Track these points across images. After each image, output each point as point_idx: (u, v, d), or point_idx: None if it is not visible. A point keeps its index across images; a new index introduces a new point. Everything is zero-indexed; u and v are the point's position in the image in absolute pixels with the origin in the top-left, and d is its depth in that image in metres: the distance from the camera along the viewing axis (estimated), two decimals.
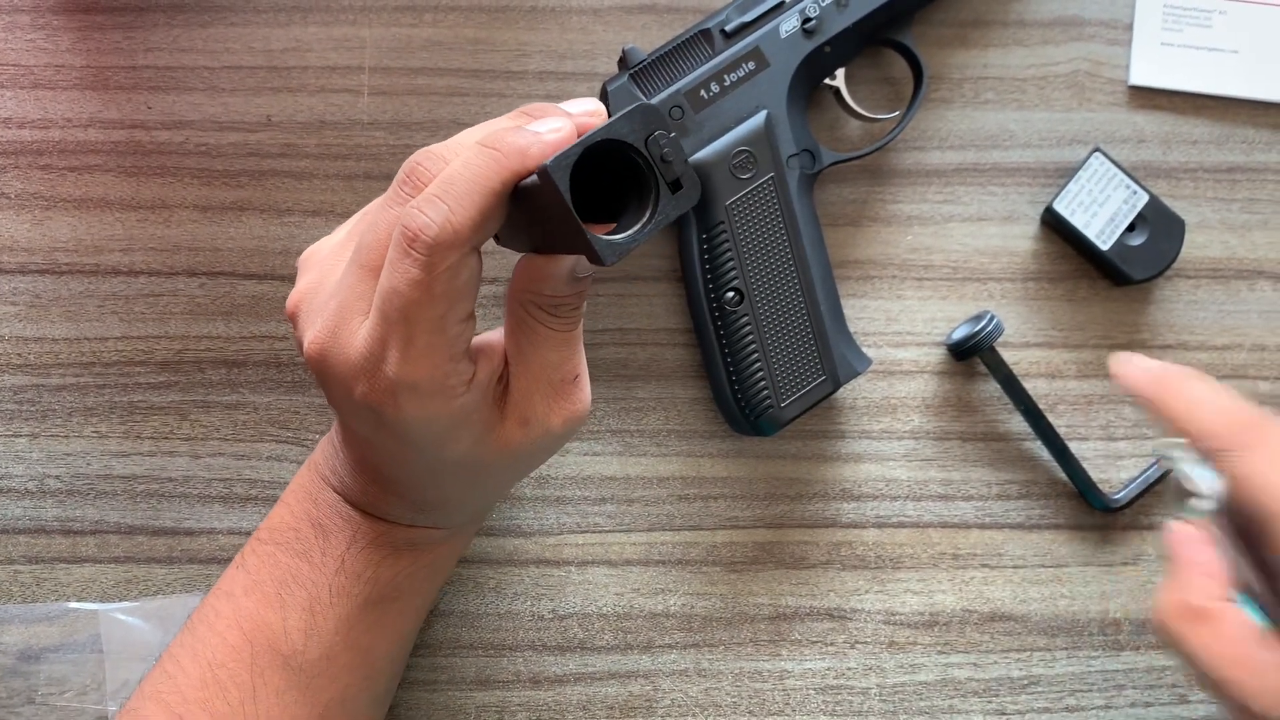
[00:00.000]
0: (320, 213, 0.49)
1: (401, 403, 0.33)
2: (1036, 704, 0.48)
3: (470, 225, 0.31)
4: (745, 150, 0.45)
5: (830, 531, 0.49)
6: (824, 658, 0.48)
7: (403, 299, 0.31)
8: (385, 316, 0.32)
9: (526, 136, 0.31)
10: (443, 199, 0.31)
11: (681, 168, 0.30)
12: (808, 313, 0.45)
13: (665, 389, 0.49)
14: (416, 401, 0.33)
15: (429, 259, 0.31)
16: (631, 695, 0.47)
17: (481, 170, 0.31)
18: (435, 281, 0.31)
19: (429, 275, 0.31)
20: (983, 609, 0.48)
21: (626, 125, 0.30)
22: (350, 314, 0.34)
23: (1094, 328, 0.49)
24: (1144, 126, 0.50)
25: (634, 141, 0.30)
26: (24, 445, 0.48)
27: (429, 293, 0.31)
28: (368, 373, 0.33)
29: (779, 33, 0.46)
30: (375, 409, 0.34)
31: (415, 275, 0.31)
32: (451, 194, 0.31)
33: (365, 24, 0.50)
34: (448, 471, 0.36)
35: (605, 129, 0.30)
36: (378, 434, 0.35)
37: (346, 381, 0.34)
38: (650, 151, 0.30)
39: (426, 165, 0.33)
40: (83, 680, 0.46)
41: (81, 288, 0.49)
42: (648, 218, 0.30)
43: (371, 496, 0.39)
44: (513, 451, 0.36)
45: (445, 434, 0.35)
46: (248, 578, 0.39)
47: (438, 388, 0.33)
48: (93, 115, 0.49)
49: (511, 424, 0.35)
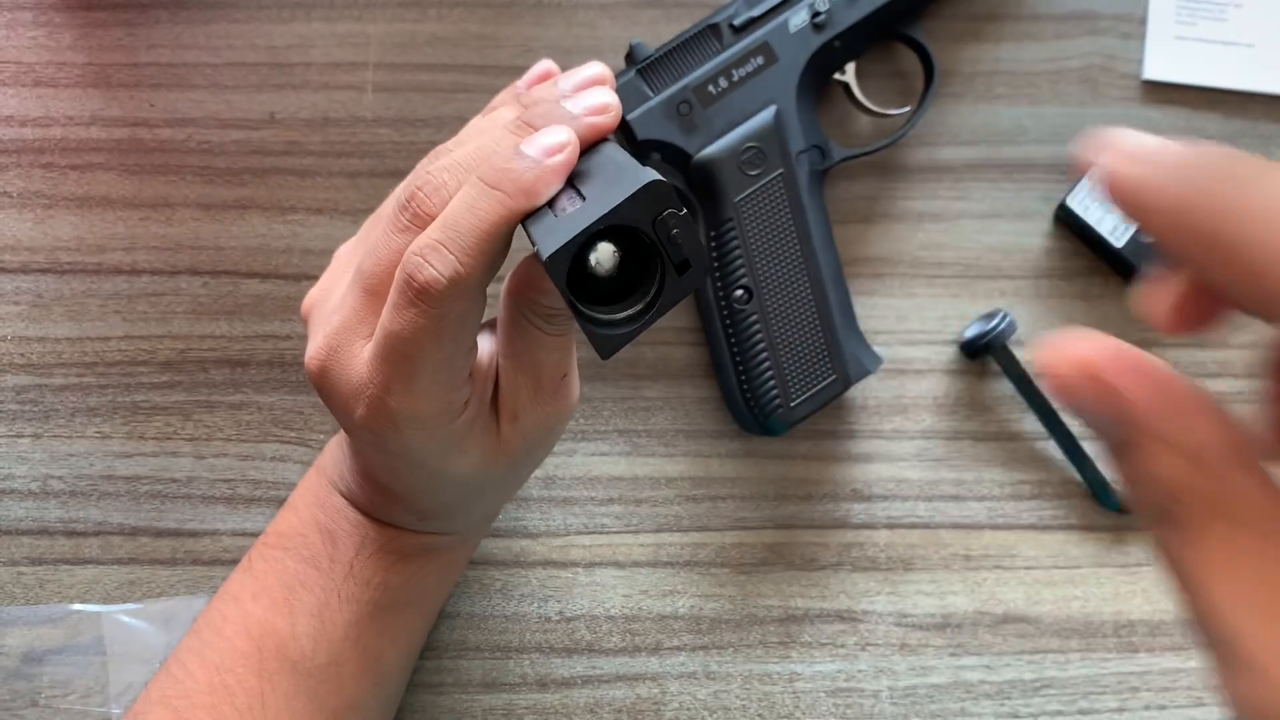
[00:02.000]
0: (324, 211, 0.49)
1: (402, 428, 0.33)
2: (1050, 707, 0.47)
3: (476, 273, 0.30)
4: (754, 146, 0.45)
5: (841, 532, 0.48)
6: (834, 660, 0.47)
7: (408, 344, 0.31)
8: (388, 356, 0.32)
9: (531, 171, 0.30)
10: (449, 248, 0.30)
11: (691, 248, 0.29)
12: (818, 311, 0.45)
13: (673, 388, 0.49)
14: (417, 428, 0.33)
15: (436, 310, 0.30)
16: (639, 698, 0.47)
17: (486, 215, 0.30)
18: (442, 330, 0.31)
19: (436, 325, 0.31)
20: (995, 611, 0.48)
21: (634, 209, 0.28)
22: (351, 336, 0.33)
23: (1108, 326, 0.49)
24: (1158, 121, 0.49)
25: (641, 226, 0.28)
26: (27, 446, 0.48)
27: (436, 339, 0.31)
28: (368, 400, 0.33)
29: (788, 27, 0.45)
30: (375, 432, 0.33)
31: (421, 323, 0.31)
32: (455, 243, 0.30)
33: (369, 20, 0.49)
34: (450, 483, 0.36)
35: (611, 214, 0.28)
36: (377, 452, 0.35)
37: (346, 402, 0.34)
38: (658, 233, 0.28)
39: (427, 193, 0.32)
40: (86, 683, 0.46)
41: (84, 287, 0.48)
42: (650, 301, 0.29)
43: (378, 503, 0.38)
44: (508, 451, 0.36)
45: (447, 452, 0.34)
46: (255, 583, 0.39)
47: (439, 416, 0.33)
48: (95, 113, 0.49)
49: (504, 422, 0.35)
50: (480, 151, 0.32)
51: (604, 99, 0.33)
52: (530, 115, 0.33)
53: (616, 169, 0.31)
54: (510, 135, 0.32)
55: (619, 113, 0.33)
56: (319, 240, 0.49)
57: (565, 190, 0.31)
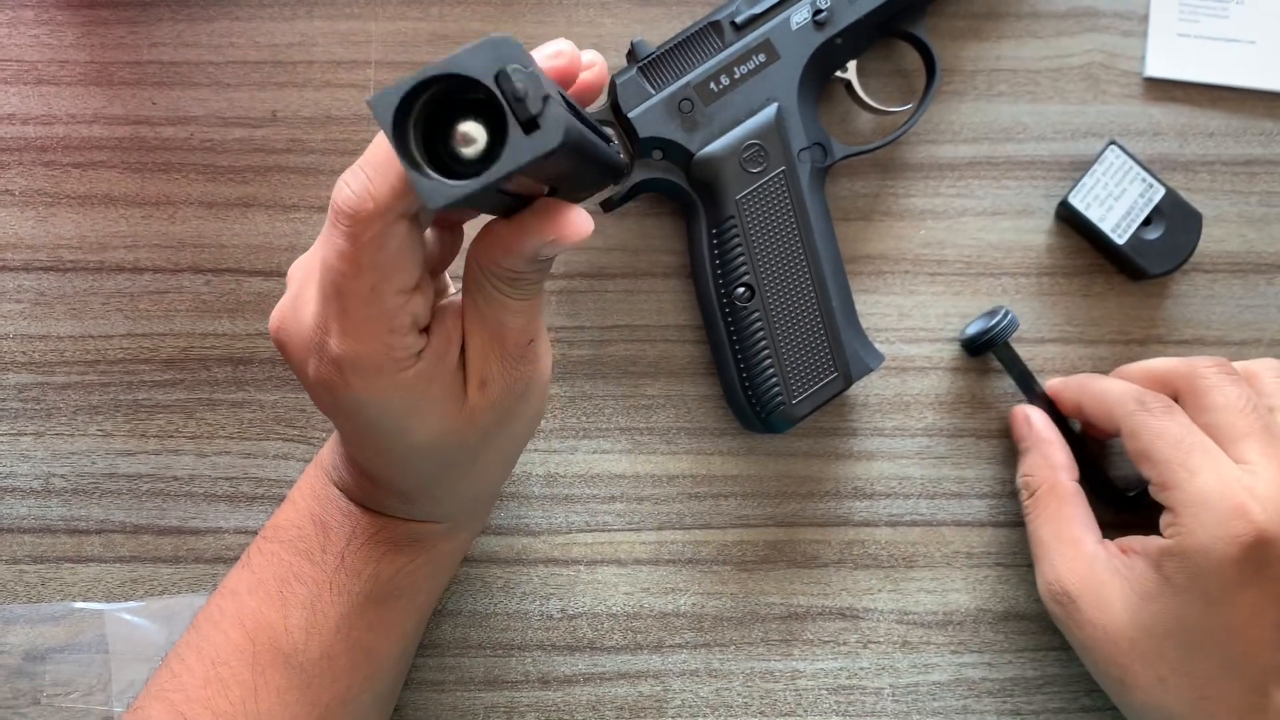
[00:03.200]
0: (326, 209, 0.49)
1: (350, 380, 0.32)
2: (1052, 704, 0.47)
3: (390, 192, 0.30)
4: (756, 144, 0.45)
5: (842, 530, 0.48)
6: (836, 658, 0.47)
7: (334, 271, 0.31)
8: (322, 291, 0.32)
9: None
10: (363, 168, 0.30)
11: (538, 105, 0.26)
12: (819, 308, 0.45)
13: (675, 386, 0.49)
14: (362, 378, 0.32)
15: (351, 229, 0.30)
16: (641, 695, 0.47)
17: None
18: (361, 252, 0.30)
19: (354, 246, 0.30)
20: (997, 608, 0.48)
21: (471, 59, 0.26)
22: (309, 286, 0.33)
23: (1109, 323, 0.49)
24: (1160, 119, 0.49)
25: (479, 76, 0.26)
26: (29, 444, 0.48)
27: (356, 264, 0.31)
28: (316, 348, 0.33)
29: (790, 24, 0.45)
30: (328, 388, 0.33)
31: (342, 246, 0.30)
32: (370, 162, 0.30)
33: (371, 18, 0.49)
34: (419, 455, 0.35)
35: (444, 62, 0.26)
36: (338, 417, 0.35)
37: (301, 358, 0.34)
38: (502, 88, 0.26)
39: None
40: (88, 681, 0.46)
41: (86, 285, 0.48)
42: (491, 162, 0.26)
43: (366, 489, 0.38)
44: (476, 419, 0.35)
45: (406, 413, 0.34)
46: (252, 576, 0.39)
47: (381, 362, 0.32)
48: (97, 111, 0.49)
49: (471, 388, 0.35)
50: None
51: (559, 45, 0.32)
52: None
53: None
54: None
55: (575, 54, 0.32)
56: None
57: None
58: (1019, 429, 0.47)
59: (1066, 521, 0.44)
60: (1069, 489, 0.45)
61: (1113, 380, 0.45)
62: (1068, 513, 0.44)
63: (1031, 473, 0.46)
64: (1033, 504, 0.45)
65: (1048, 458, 0.45)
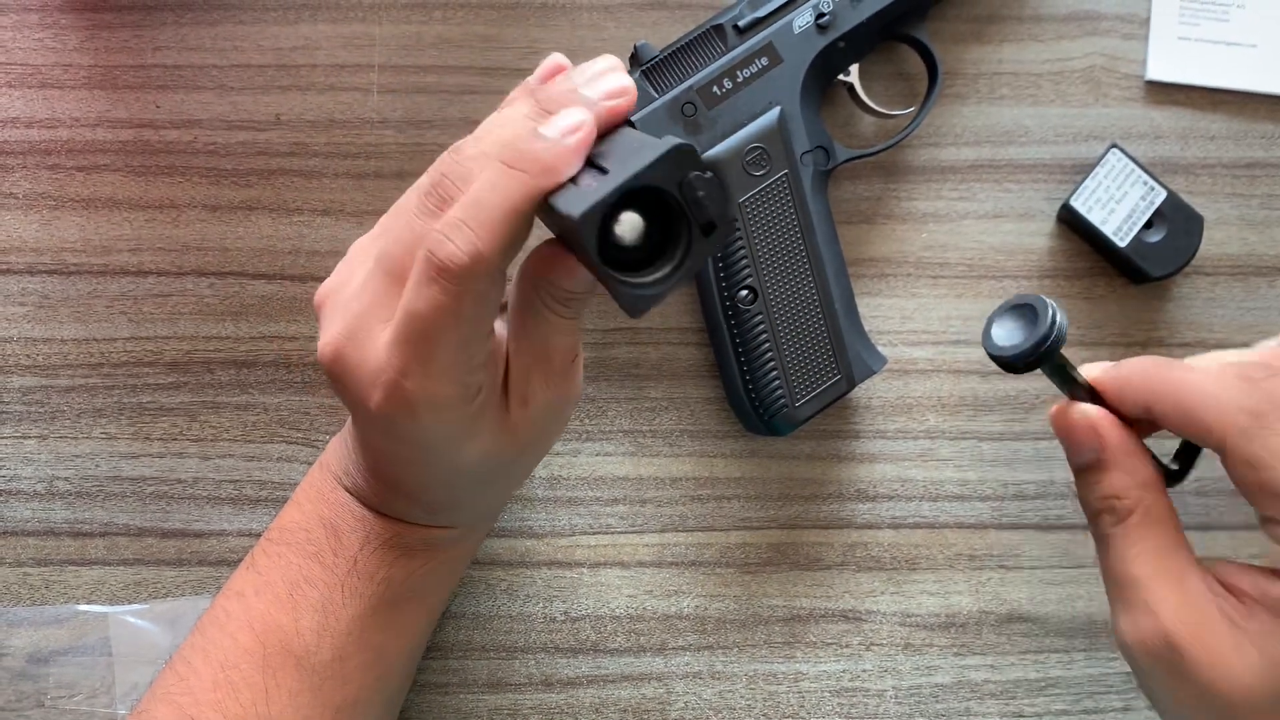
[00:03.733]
0: (329, 212, 0.49)
1: (419, 414, 0.33)
2: (1055, 706, 0.47)
3: (498, 251, 0.30)
4: (759, 147, 0.45)
5: (845, 532, 0.48)
6: (839, 660, 0.47)
7: (427, 323, 0.31)
8: (408, 337, 0.32)
9: (551, 150, 0.30)
10: (470, 225, 0.30)
11: (716, 209, 0.29)
12: (822, 311, 0.45)
13: (678, 389, 0.49)
14: (434, 413, 0.33)
15: (457, 288, 0.30)
16: (644, 698, 0.47)
17: (508, 194, 0.30)
18: (462, 307, 0.31)
19: (456, 302, 0.31)
20: (1000, 610, 0.48)
21: (662, 170, 0.28)
22: (370, 320, 0.33)
23: (1111, 325, 0.49)
24: (1161, 122, 0.50)
25: (667, 187, 0.29)
26: (33, 447, 0.48)
27: (455, 317, 0.31)
28: (386, 385, 0.33)
29: (792, 28, 0.45)
30: (391, 419, 0.33)
31: (442, 302, 0.31)
32: (478, 220, 0.30)
33: (374, 21, 0.49)
34: (462, 473, 0.36)
35: (637, 176, 0.28)
36: (390, 441, 0.35)
37: (362, 388, 0.34)
38: (684, 194, 0.29)
39: (452, 179, 0.32)
40: (92, 683, 0.46)
41: (90, 288, 0.49)
42: (677, 263, 0.29)
43: (385, 498, 0.38)
44: (517, 436, 0.36)
45: (461, 439, 0.34)
46: (258, 578, 0.39)
47: (455, 400, 0.33)
48: (100, 114, 0.49)
49: (514, 405, 0.35)
50: (501, 137, 0.32)
51: (620, 82, 0.33)
52: (547, 102, 0.33)
53: (637, 143, 0.31)
54: (529, 121, 0.32)
55: (635, 95, 0.33)
56: (325, 241, 0.49)
57: (586, 169, 0.31)
58: (1083, 438, 0.35)
59: (1169, 554, 0.34)
60: (1167, 511, 0.34)
61: (1200, 374, 0.33)
62: (1170, 543, 0.34)
63: (1121, 494, 0.35)
64: (1122, 533, 0.34)
65: (1134, 474, 0.35)
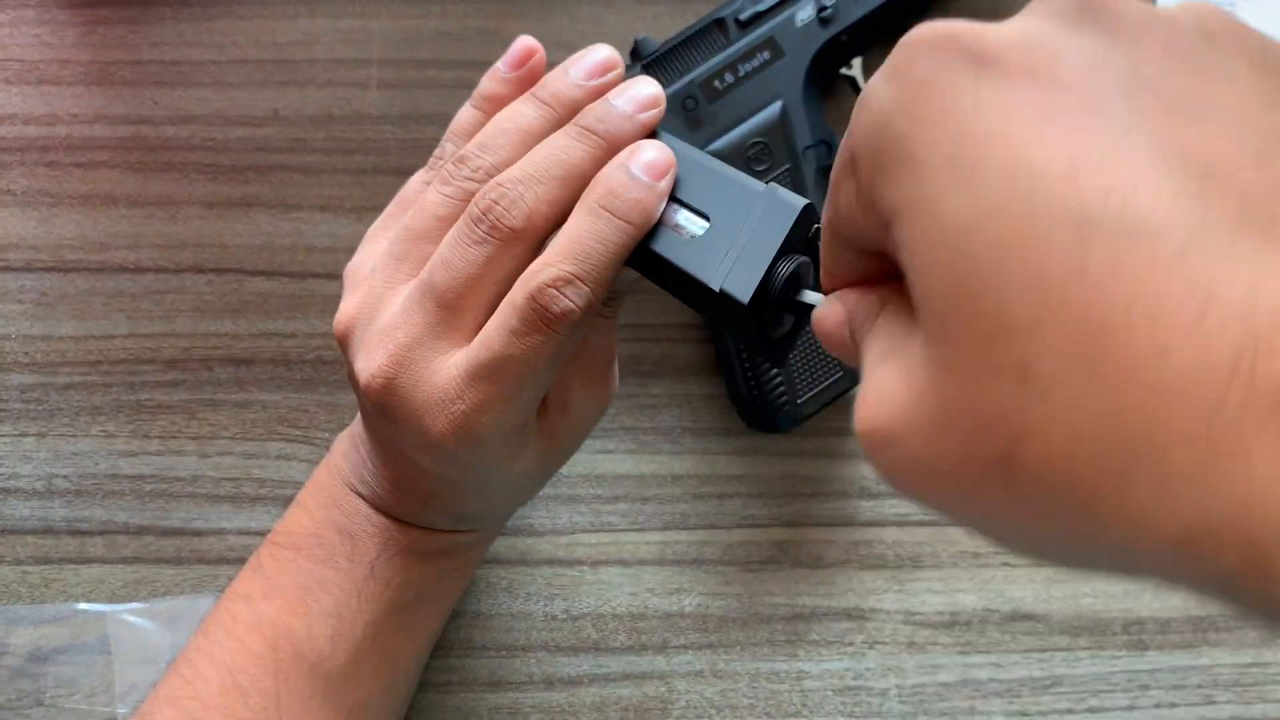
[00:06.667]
0: (329, 208, 0.49)
1: (486, 445, 0.33)
2: (1059, 705, 0.47)
3: (600, 300, 0.32)
4: (760, 141, 0.44)
5: (848, 530, 0.48)
6: (842, 658, 0.47)
7: (524, 367, 0.31)
8: (494, 377, 0.32)
9: (650, 198, 0.32)
10: (584, 281, 0.31)
11: None
12: None
13: (679, 385, 0.48)
14: (501, 442, 0.33)
15: (564, 337, 0.31)
16: (646, 697, 0.47)
17: (618, 246, 0.31)
18: (560, 353, 0.32)
19: (557, 349, 0.32)
20: (1004, 608, 0.47)
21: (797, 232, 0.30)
22: (426, 351, 0.33)
23: None
24: None
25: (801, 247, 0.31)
26: (31, 444, 0.48)
27: (553, 362, 0.32)
28: (456, 417, 0.32)
29: (794, 21, 0.45)
30: (451, 448, 0.33)
31: (546, 350, 0.31)
32: (592, 276, 0.31)
33: (373, 16, 0.49)
34: (502, 487, 0.36)
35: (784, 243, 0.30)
36: (441, 464, 0.35)
37: (419, 418, 0.33)
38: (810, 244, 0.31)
39: (507, 209, 0.32)
40: (91, 682, 0.46)
41: (88, 285, 0.48)
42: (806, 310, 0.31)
43: (410, 508, 0.38)
44: (557, 444, 0.36)
45: (513, 457, 0.35)
46: (266, 582, 0.38)
47: (523, 428, 0.34)
48: (98, 111, 0.49)
49: (554, 413, 0.36)
50: (550, 162, 0.33)
51: (650, 91, 0.33)
52: (587, 120, 0.33)
53: (706, 174, 0.32)
54: (583, 147, 0.33)
55: (664, 104, 0.34)
56: (324, 238, 0.48)
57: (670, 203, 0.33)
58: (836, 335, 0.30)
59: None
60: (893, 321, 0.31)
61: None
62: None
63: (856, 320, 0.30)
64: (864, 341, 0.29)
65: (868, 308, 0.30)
